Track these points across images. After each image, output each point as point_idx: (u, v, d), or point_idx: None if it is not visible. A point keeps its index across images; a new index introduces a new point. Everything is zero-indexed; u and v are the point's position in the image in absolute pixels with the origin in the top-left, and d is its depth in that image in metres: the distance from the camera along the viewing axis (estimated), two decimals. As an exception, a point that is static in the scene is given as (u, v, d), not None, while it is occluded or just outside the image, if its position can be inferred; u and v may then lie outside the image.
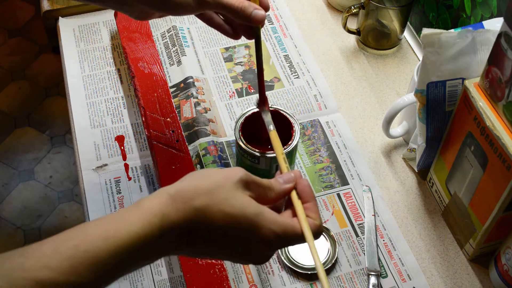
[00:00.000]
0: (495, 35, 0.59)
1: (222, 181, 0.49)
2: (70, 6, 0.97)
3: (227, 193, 0.48)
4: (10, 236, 1.67)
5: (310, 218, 0.51)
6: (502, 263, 0.68)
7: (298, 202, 0.52)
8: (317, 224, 0.51)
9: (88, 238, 0.44)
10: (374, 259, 0.72)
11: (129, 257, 0.45)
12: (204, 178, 0.49)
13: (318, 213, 0.52)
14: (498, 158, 0.61)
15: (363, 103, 0.89)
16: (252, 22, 0.62)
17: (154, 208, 0.46)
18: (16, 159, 1.84)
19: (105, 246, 0.44)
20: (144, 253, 0.46)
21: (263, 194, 0.51)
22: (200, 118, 0.83)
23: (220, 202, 0.48)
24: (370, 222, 0.75)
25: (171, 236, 0.47)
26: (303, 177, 0.54)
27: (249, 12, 0.61)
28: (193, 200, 0.47)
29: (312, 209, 0.52)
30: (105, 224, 0.46)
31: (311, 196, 0.53)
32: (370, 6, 0.89)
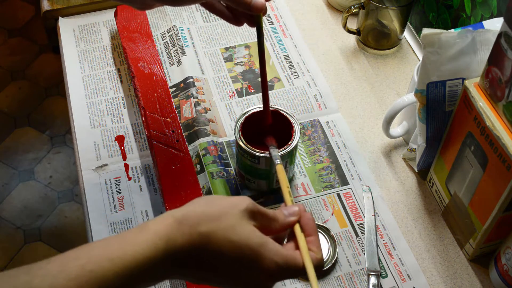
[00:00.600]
0: (495, 35, 0.59)
1: (229, 208, 0.50)
2: (70, 6, 0.97)
3: (233, 221, 0.49)
4: (10, 236, 1.67)
5: (312, 251, 0.52)
6: (502, 263, 0.68)
7: (301, 235, 0.53)
8: (318, 258, 0.52)
9: (94, 259, 0.45)
10: (374, 259, 0.72)
11: (133, 278, 0.45)
12: (211, 204, 0.50)
13: (320, 248, 0.53)
14: (498, 158, 0.61)
15: (363, 103, 0.89)
16: (252, 10, 0.63)
17: (159, 231, 0.47)
18: (16, 159, 1.84)
19: (111, 266, 0.44)
20: (148, 275, 0.46)
21: (267, 224, 0.52)
22: (200, 118, 0.83)
23: (225, 229, 0.48)
24: (370, 222, 0.75)
25: (174, 260, 0.47)
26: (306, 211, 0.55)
27: (249, 0, 0.62)
28: (199, 225, 0.48)
29: (315, 243, 0.53)
30: (111, 244, 0.46)
31: (314, 230, 0.53)
32: (370, 6, 0.89)
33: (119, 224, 0.74)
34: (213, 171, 0.77)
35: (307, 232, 0.53)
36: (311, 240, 0.53)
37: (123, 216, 0.75)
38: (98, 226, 0.74)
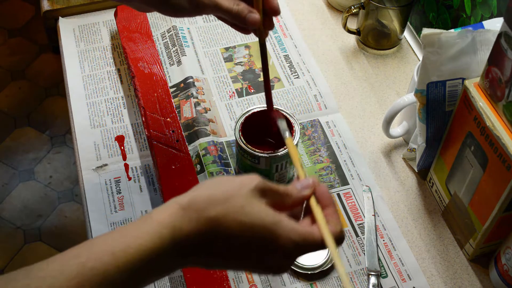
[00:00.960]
0: (495, 35, 0.59)
1: (237, 189, 0.47)
2: (70, 6, 0.97)
3: (242, 201, 0.46)
4: (10, 236, 1.67)
5: (330, 224, 0.49)
6: (502, 263, 0.68)
7: (317, 208, 0.50)
8: (338, 230, 0.48)
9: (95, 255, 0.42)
10: (374, 259, 0.72)
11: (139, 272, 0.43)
12: (218, 186, 0.47)
13: (339, 219, 0.49)
14: (498, 158, 0.61)
15: (363, 103, 0.89)
16: (247, 25, 0.62)
17: (164, 220, 0.44)
18: (16, 159, 1.84)
19: (114, 262, 0.42)
20: (156, 267, 0.44)
21: (280, 201, 0.49)
22: (200, 118, 0.83)
23: (235, 211, 0.45)
24: (370, 222, 0.75)
25: (183, 249, 0.45)
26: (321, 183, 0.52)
27: (243, 15, 0.61)
28: (206, 210, 0.45)
29: (332, 214, 0.49)
30: (112, 238, 0.44)
31: (330, 201, 0.50)
32: (370, 6, 0.89)
33: (119, 224, 0.74)
34: (213, 171, 0.77)
35: (323, 204, 0.50)
36: (329, 212, 0.49)
37: (123, 216, 0.75)
38: (98, 226, 0.74)
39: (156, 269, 0.44)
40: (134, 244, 0.43)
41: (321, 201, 0.50)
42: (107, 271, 0.42)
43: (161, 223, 0.44)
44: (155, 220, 0.45)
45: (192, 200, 0.46)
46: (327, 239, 0.47)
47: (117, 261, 0.42)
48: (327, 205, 0.50)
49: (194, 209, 0.45)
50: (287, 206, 0.50)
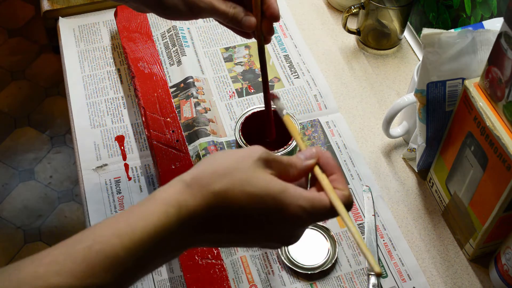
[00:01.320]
0: (495, 35, 0.59)
1: (241, 161, 0.46)
2: (70, 6, 0.97)
3: (247, 172, 0.45)
4: (10, 236, 1.67)
5: (338, 189, 0.48)
6: (502, 263, 0.68)
7: (322, 175, 0.49)
8: (346, 195, 0.48)
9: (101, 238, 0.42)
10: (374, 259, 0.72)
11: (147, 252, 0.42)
12: (221, 160, 0.47)
13: (346, 184, 0.49)
14: (498, 158, 0.61)
15: (363, 103, 0.89)
16: (243, 28, 0.62)
17: (169, 198, 0.44)
18: (16, 159, 1.84)
19: (121, 243, 0.41)
20: (164, 247, 0.43)
21: (284, 171, 0.48)
22: (200, 118, 0.83)
23: (241, 183, 0.45)
24: (370, 222, 0.75)
25: (191, 226, 0.44)
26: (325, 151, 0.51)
27: (239, 18, 0.61)
28: (211, 184, 0.44)
29: (339, 180, 0.49)
30: (118, 221, 0.43)
31: (335, 167, 0.50)
32: (370, 6, 0.89)
33: (119, 224, 0.74)
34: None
35: (329, 171, 0.49)
36: (335, 178, 0.49)
37: (123, 216, 0.75)
38: (98, 226, 0.74)
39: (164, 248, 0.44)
40: (141, 224, 0.42)
41: (326, 169, 0.50)
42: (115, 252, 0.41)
43: (166, 201, 0.44)
44: (160, 199, 0.44)
45: (196, 176, 0.45)
46: (336, 202, 0.47)
47: (124, 242, 0.42)
48: (332, 172, 0.49)
49: (199, 185, 0.44)
50: (292, 176, 0.49)
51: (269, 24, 0.63)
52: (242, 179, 0.45)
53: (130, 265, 0.42)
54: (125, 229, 0.42)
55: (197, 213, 0.44)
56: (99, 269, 0.41)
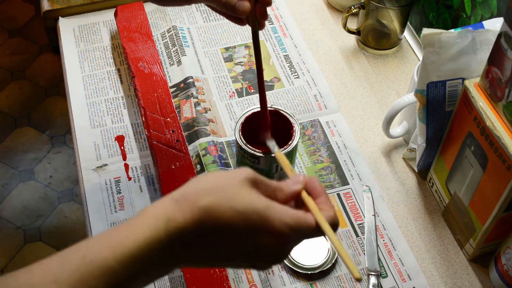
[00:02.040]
0: (495, 35, 0.59)
1: (229, 180, 0.47)
2: (70, 6, 0.97)
3: (234, 190, 0.47)
4: (10, 236, 1.67)
5: (324, 210, 0.49)
6: (502, 263, 0.68)
7: (309, 198, 0.50)
8: (331, 215, 0.49)
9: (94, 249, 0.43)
10: (374, 259, 0.72)
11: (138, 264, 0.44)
12: (209, 179, 0.48)
13: (332, 206, 0.50)
14: (498, 158, 0.61)
15: (363, 103, 0.89)
16: (237, 13, 0.61)
17: (158, 212, 0.45)
18: (16, 159, 1.84)
19: (113, 255, 0.43)
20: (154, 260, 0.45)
21: (272, 194, 0.49)
22: (200, 118, 0.83)
23: (228, 199, 0.46)
24: (370, 222, 0.75)
25: (179, 240, 0.45)
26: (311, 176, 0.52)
27: (233, 3, 0.61)
28: (198, 200, 0.46)
29: (325, 202, 0.50)
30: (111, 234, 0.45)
31: (321, 191, 0.51)
32: (370, 6, 0.89)
33: (119, 224, 0.74)
34: (213, 171, 0.77)
35: (315, 195, 0.50)
36: (321, 201, 0.50)
37: (123, 216, 0.75)
38: (98, 226, 0.74)
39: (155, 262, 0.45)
40: (131, 237, 0.44)
41: (313, 193, 0.51)
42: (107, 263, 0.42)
43: (155, 216, 0.45)
44: (149, 214, 0.46)
45: (184, 192, 0.47)
46: (322, 222, 0.48)
47: (116, 254, 0.43)
48: (318, 195, 0.50)
49: (187, 200, 0.46)
50: (280, 200, 0.50)
51: (262, 9, 0.63)
52: (229, 195, 0.46)
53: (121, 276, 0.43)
54: (117, 241, 0.44)
55: (185, 227, 0.45)
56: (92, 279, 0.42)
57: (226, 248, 0.47)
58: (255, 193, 0.47)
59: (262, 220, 0.46)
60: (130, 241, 0.44)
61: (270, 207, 0.47)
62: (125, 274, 0.43)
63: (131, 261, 0.43)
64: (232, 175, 0.48)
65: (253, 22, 0.63)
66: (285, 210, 0.47)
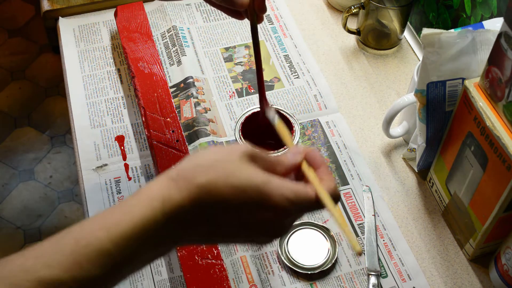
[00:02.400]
0: (495, 35, 0.59)
1: (226, 155, 0.46)
2: (70, 6, 0.97)
3: (232, 166, 0.45)
4: (10, 236, 1.67)
5: (324, 181, 0.48)
6: (502, 263, 0.68)
7: (309, 169, 0.49)
8: (331, 186, 0.47)
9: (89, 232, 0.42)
10: (374, 259, 0.72)
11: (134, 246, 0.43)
12: (206, 155, 0.47)
13: (332, 177, 0.49)
14: (498, 158, 0.61)
15: (363, 103, 0.89)
16: (235, 6, 0.61)
17: (154, 192, 0.44)
18: (16, 159, 1.84)
19: (108, 236, 0.42)
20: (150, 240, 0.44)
21: (270, 168, 0.48)
22: (200, 118, 0.83)
23: (225, 176, 0.45)
24: (370, 222, 0.75)
25: (176, 219, 0.44)
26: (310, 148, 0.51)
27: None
28: (195, 177, 0.44)
29: (325, 173, 0.48)
30: (105, 216, 0.44)
31: (321, 161, 0.49)
32: (370, 6, 0.89)
33: (119, 224, 0.74)
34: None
35: (315, 165, 0.49)
36: (321, 171, 0.49)
37: (123, 216, 0.75)
38: (98, 226, 0.74)
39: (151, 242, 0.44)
40: (126, 217, 0.43)
41: (313, 164, 0.50)
42: (102, 245, 0.42)
43: (151, 195, 0.44)
44: (145, 194, 0.45)
45: (181, 170, 0.46)
46: (322, 194, 0.47)
47: (111, 235, 0.42)
48: (318, 165, 0.49)
49: (183, 178, 0.45)
50: (279, 173, 0.49)
51: (261, 1, 0.62)
52: (226, 171, 0.45)
53: (117, 258, 0.42)
54: (111, 223, 0.43)
55: (182, 206, 0.44)
56: (87, 262, 0.41)
57: (225, 224, 0.46)
58: (253, 168, 0.46)
59: (261, 195, 0.45)
60: (125, 223, 0.43)
61: (269, 181, 0.46)
62: (121, 255, 0.42)
63: (127, 243, 0.42)
64: (230, 151, 0.47)
65: (252, 15, 0.63)
66: (284, 183, 0.46)
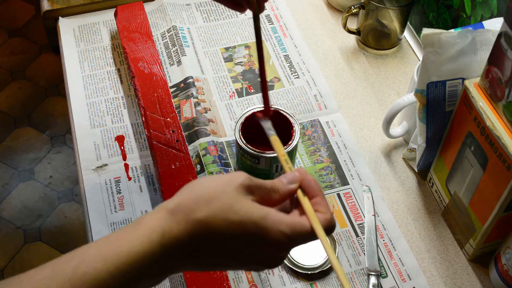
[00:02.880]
0: (495, 35, 0.59)
1: (223, 187, 0.47)
2: (70, 6, 0.97)
3: (229, 199, 0.46)
4: (10, 236, 1.67)
5: (320, 212, 0.49)
6: (502, 263, 0.68)
7: (304, 198, 0.50)
8: (327, 218, 0.48)
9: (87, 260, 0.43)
10: (374, 259, 0.72)
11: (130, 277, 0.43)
12: (204, 187, 0.48)
13: (328, 207, 0.49)
14: (498, 158, 0.61)
15: (363, 103, 0.89)
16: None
17: (153, 224, 0.45)
18: (16, 159, 1.84)
19: (105, 266, 0.43)
20: (147, 272, 0.44)
21: (267, 196, 0.49)
22: (200, 118, 0.83)
23: (223, 211, 0.46)
24: (370, 222, 0.75)
25: (173, 252, 0.45)
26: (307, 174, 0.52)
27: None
28: (194, 212, 0.45)
29: (321, 203, 0.49)
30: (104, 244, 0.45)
31: (317, 190, 0.50)
32: (370, 6, 0.89)
33: (119, 224, 0.74)
34: (213, 171, 0.77)
35: (311, 194, 0.50)
36: (317, 201, 0.49)
37: (123, 216, 0.75)
38: (98, 226, 0.74)
39: (148, 273, 0.45)
40: (125, 249, 0.44)
41: (308, 192, 0.50)
42: (99, 275, 0.42)
43: (150, 227, 0.45)
44: (144, 225, 0.45)
45: (179, 203, 0.46)
46: (316, 227, 0.47)
47: (108, 266, 0.43)
48: (314, 195, 0.50)
49: (182, 212, 0.45)
50: (275, 201, 0.50)
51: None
52: (224, 206, 0.46)
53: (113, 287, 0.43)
54: (109, 253, 0.43)
55: (180, 240, 0.45)
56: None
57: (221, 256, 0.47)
58: (250, 202, 0.47)
59: (258, 230, 0.46)
60: (123, 255, 0.43)
61: (266, 217, 0.46)
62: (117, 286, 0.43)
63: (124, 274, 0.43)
64: (227, 181, 0.48)
65: (254, 4, 0.63)
66: (280, 218, 0.47)
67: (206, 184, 0.48)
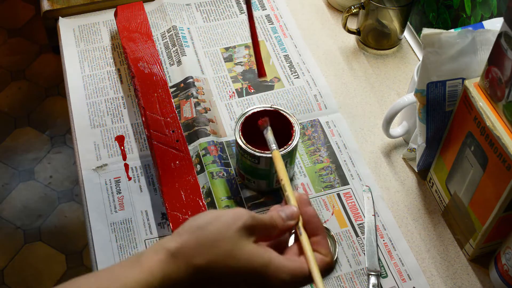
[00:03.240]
0: (495, 35, 0.59)
1: (225, 230, 0.46)
2: (70, 6, 0.97)
3: (231, 245, 0.46)
4: (10, 236, 1.67)
5: (319, 253, 0.48)
6: (502, 263, 0.68)
7: (304, 237, 0.49)
8: (327, 261, 0.48)
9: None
10: (374, 259, 0.72)
11: None
12: (204, 228, 0.47)
13: (329, 248, 0.49)
14: (498, 158, 0.61)
15: (363, 103, 0.89)
16: None
17: (153, 267, 0.44)
18: (16, 159, 1.84)
19: None
20: None
21: (266, 233, 0.49)
22: (200, 118, 0.83)
23: (224, 257, 0.45)
24: (370, 222, 0.75)
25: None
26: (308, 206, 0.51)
27: None
28: (195, 257, 0.45)
29: (321, 243, 0.49)
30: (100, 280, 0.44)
31: (318, 228, 0.50)
32: (370, 6, 0.89)
33: (119, 224, 0.74)
34: (213, 171, 0.77)
35: (311, 232, 0.49)
36: (317, 241, 0.49)
37: (123, 216, 0.75)
38: (98, 226, 0.74)
39: None
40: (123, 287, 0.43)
41: (308, 228, 0.50)
42: None
43: (150, 270, 0.44)
44: (144, 266, 0.45)
45: (181, 246, 0.46)
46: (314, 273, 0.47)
47: None
48: (315, 233, 0.50)
49: (183, 257, 0.45)
50: (273, 236, 0.50)
51: None
52: (226, 252, 0.46)
53: None
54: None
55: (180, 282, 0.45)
56: None
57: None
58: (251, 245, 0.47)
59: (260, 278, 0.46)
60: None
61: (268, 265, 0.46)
62: None
63: None
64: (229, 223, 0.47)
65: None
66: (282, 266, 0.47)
67: (208, 227, 0.47)
